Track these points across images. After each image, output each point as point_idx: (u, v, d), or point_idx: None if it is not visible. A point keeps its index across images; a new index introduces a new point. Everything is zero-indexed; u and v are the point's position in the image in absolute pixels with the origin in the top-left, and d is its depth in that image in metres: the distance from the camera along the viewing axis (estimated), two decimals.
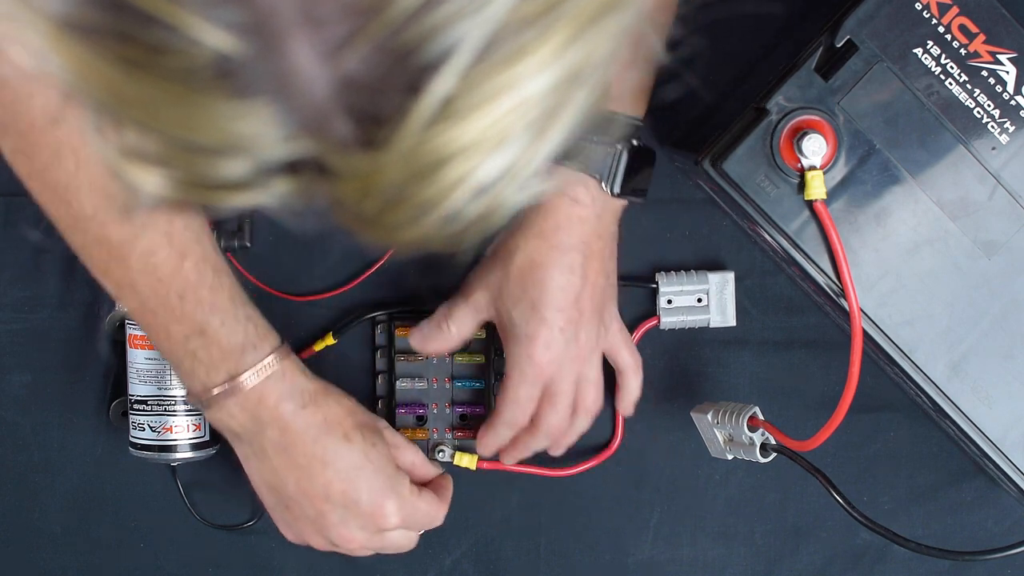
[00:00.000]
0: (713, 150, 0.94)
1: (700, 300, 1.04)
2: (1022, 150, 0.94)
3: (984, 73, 0.93)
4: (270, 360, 0.90)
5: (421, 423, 1.03)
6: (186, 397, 0.95)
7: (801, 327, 1.04)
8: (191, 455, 1.00)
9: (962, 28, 0.93)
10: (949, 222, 0.94)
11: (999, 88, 0.93)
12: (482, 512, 1.06)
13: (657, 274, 1.04)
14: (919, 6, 0.92)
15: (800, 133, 0.92)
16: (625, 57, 0.47)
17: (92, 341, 1.03)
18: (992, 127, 0.94)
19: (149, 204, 0.48)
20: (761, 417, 0.96)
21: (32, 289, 1.04)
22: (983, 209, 0.94)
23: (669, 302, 1.04)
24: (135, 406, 1.00)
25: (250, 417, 0.90)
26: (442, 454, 1.03)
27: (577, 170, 0.91)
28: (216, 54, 0.43)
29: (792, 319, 1.05)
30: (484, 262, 0.97)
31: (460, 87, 0.44)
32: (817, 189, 0.92)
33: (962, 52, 0.93)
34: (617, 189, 0.92)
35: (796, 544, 1.06)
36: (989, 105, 0.93)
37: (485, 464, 1.03)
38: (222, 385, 0.89)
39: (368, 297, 1.04)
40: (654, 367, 1.04)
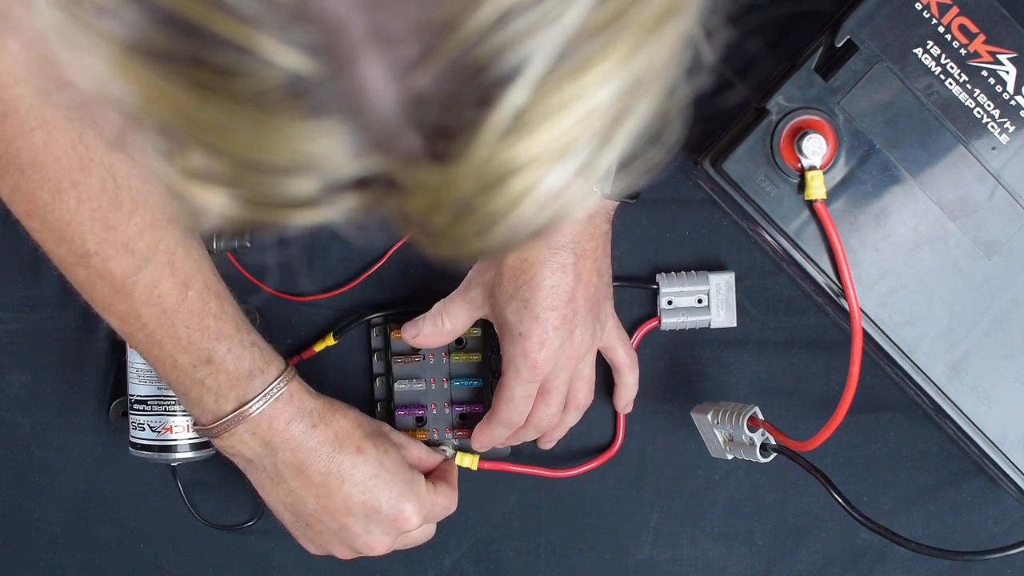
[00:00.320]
0: (713, 150, 0.94)
1: (701, 301, 1.04)
2: (1022, 150, 0.94)
3: (984, 73, 0.93)
4: (278, 384, 0.91)
5: (421, 424, 1.03)
6: (193, 427, 0.95)
7: (801, 327, 1.04)
8: (191, 455, 1.00)
9: (962, 28, 0.93)
10: (949, 222, 0.94)
11: (999, 88, 0.93)
12: (482, 512, 1.06)
13: (657, 275, 1.04)
14: (919, 6, 0.92)
15: (800, 133, 0.92)
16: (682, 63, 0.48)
17: (92, 341, 1.03)
18: (992, 127, 0.94)
19: (213, 224, 0.48)
20: (761, 417, 0.96)
21: (32, 289, 1.03)
22: (983, 209, 0.94)
23: (669, 303, 1.04)
24: (135, 406, 1.00)
25: (261, 442, 0.91)
26: (444, 454, 1.03)
27: None
28: (288, 75, 0.43)
29: (792, 319, 1.05)
30: (481, 259, 0.97)
31: (532, 99, 0.44)
32: (817, 189, 0.92)
33: (962, 52, 0.93)
34: (608, 190, 0.92)
35: (796, 544, 1.06)
36: (989, 105, 0.93)
37: (487, 464, 1.03)
38: (232, 412, 0.90)
39: (369, 298, 1.04)
40: (654, 367, 1.04)
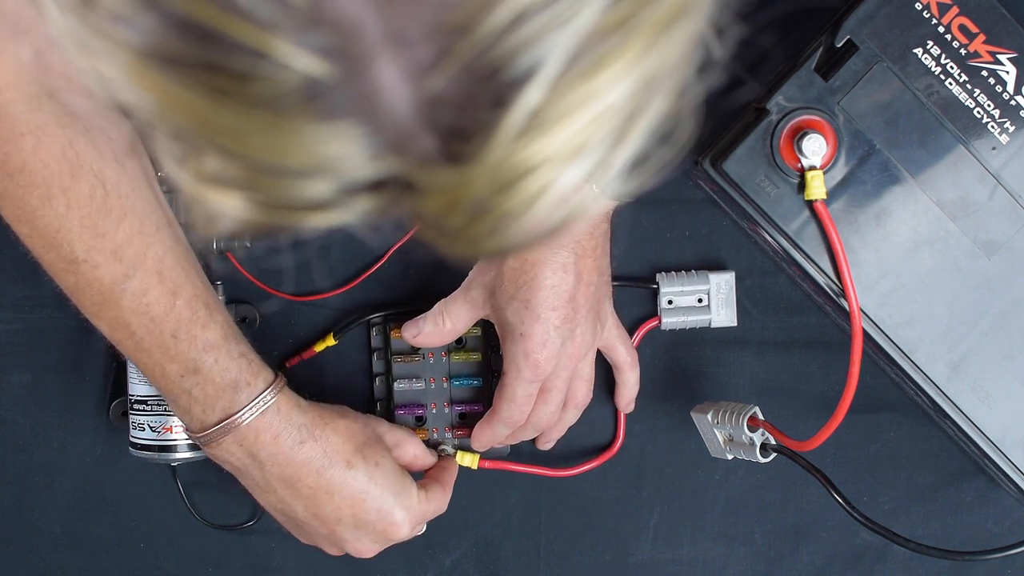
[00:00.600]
0: (713, 150, 0.94)
1: (701, 300, 1.04)
2: (1022, 150, 0.94)
3: (984, 73, 0.93)
4: (264, 396, 0.90)
5: (420, 423, 1.03)
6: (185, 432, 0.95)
7: (801, 327, 1.04)
8: (191, 455, 0.99)
9: (962, 28, 0.93)
10: (949, 222, 0.94)
11: (999, 88, 0.93)
12: (482, 512, 1.06)
13: (658, 274, 1.04)
14: (919, 6, 0.92)
15: (800, 133, 0.92)
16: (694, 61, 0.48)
17: (92, 341, 1.03)
18: (992, 127, 0.94)
19: (228, 228, 0.48)
20: (761, 417, 0.96)
21: (32, 289, 1.03)
22: (983, 209, 0.94)
23: (670, 302, 1.04)
24: (135, 406, 1.00)
25: (248, 454, 0.91)
26: (444, 453, 1.02)
27: None
28: (304, 78, 0.43)
29: (792, 319, 1.05)
30: (495, 259, 0.97)
31: (546, 100, 0.44)
32: (817, 189, 0.92)
33: (962, 52, 0.93)
34: (617, 188, 0.92)
35: (796, 544, 1.06)
36: (989, 105, 0.93)
37: (487, 463, 1.03)
38: (218, 424, 0.90)
39: (369, 298, 1.04)
40: (654, 367, 1.04)
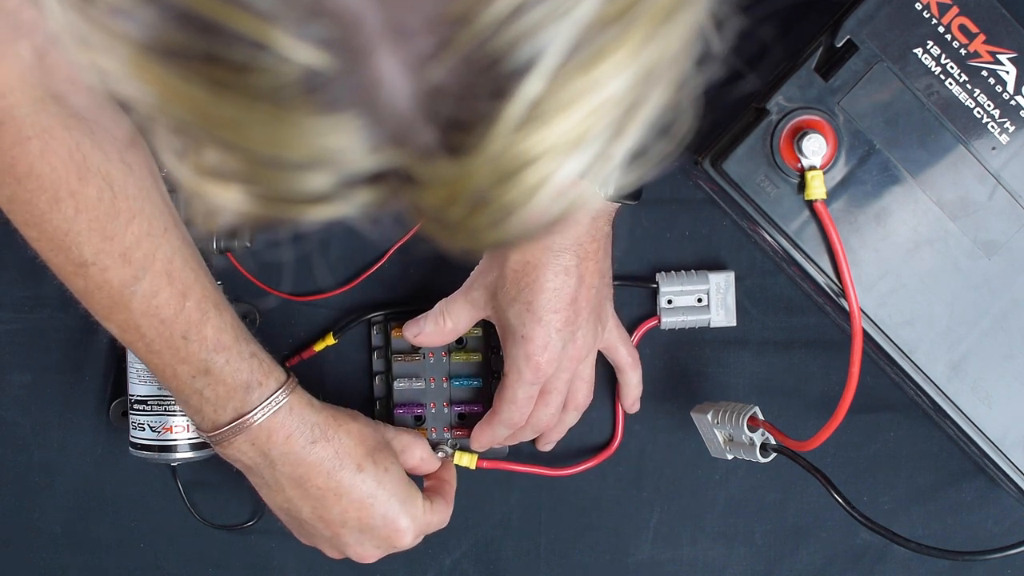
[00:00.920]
0: (713, 150, 0.94)
1: (700, 300, 1.04)
2: (1022, 150, 0.94)
3: (984, 73, 0.93)
4: (276, 396, 0.90)
5: (420, 423, 1.03)
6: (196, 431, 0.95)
7: (801, 327, 1.04)
8: (191, 455, 0.99)
9: (962, 28, 0.93)
10: (949, 222, 0.94)
11: (999, 88, 0.93)
12: (482, 512, 1.06)
13: (657, 274, 1.04)
14: (919, 6, 0.92)
15: (800, 133, 0.92)
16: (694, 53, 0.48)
17: (92, 341, 1.03)
18: (992, 127, 0.94)
19: (228, 221, 0.48)
20: (761, 417, 0.96)
21: (32, 289, 1.03)
22: (983, 209, 0.94)
23: (669, 302, 1.04)
24: (135, 406, 1.00)
25: (259, 453, 0.91)
26: (443, 454, 1.03)
27: None
28: (304, 70, 0.43)
29: (792, 319, 1.05)
30: (484, 260, 0.97)
31: (546, 90, 0.44)
32: (817, 189, 0.92)
33: (962, 52, 0.93)
34: (610, 192, 0.92)
35: (796, 544, 1.06)
36: (989, 105, 0.93)
37: (485, 463, 1.03)
38: (230, 423, 0.90)
39: (369, 297, 1.04)
40: (654, 367, 1.04)
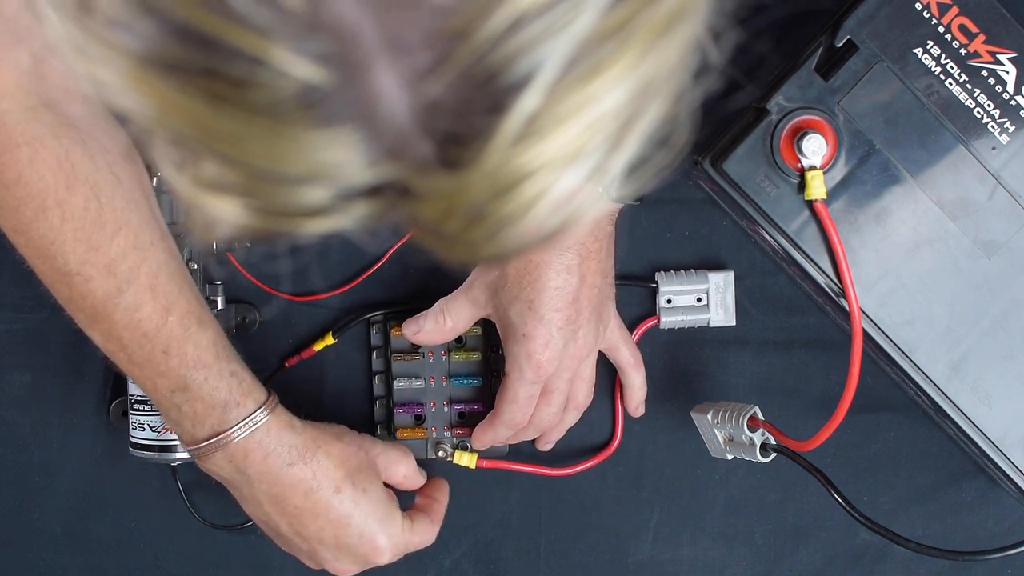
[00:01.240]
0: (713, 150, 0.94)
1: (700, 300, 1.04)
2: (1022, 150, 0.94)
3: (984, 73, 0.93)
4: (254, 416, 0.90)
5: (419, 422, 1.03)
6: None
7: (801, 327, 1.04)
8: (191, 455, 0.99)
9: (962, 28, 0.93)
10: (949, 222, 0.94)
11: (999, 88, 0.93)
12: (482, 512, 1.06)
13: (657, 273, 1.04)
14: (919, 6, 0.92)
15: (800, 133, 0.92)
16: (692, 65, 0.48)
17: (92, 342, 1.03)
18: (992, 127, 0.94)
19: (226, 233, 0.48)
20: (761, 417, 0.96)
21: (32, 289, 1.03)
22: (983, 209, 0.94)
23: (669, 301, 1.04)
24: (135, 406, 1.00)
25: (237, 470, 0.91)
26: (443, 453, 1.03)
27: None
28: (302, 85, 0.43)
29: (792, 319, 1.05)
30: (494, 263, 0.97)
31: (543, 105, 0.44)
32: (817, 189, 0.92)
33: (962, 52, 0.93)
34: (613, 192, 0.92)
35: (796, 544, 1.06)
36: (989, 105, 0.93)
37: (485, 463, 1.03)
38: (207, 440, 0.90)
39: (369, 297, 1.04)
40: (654, 367, 1.04)
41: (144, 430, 1.00)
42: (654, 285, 1.04)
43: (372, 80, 0.43)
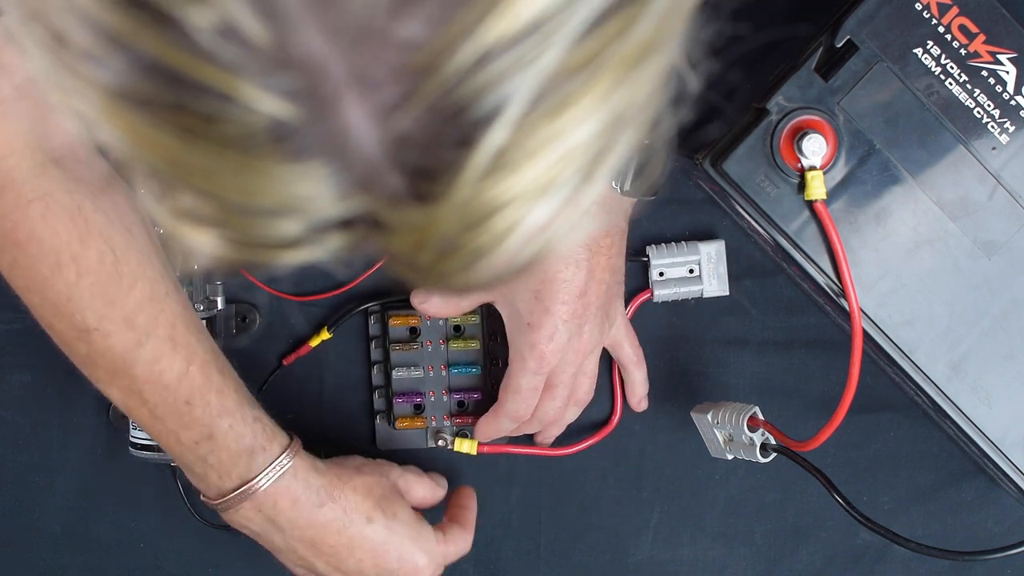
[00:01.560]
0: (713, 150, 0.94)
1: (692, 271, 1.04)
2: (1022, 150, 0.94)
3: (984, 73, 0.93)
4: (281, 460, 0.90)
5: (419, 411, 1.03)
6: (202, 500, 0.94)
7: (801, 327, 1.04)
8: None
9: (962, 28, 0.93)
10: (949, 222, 0.94)
11: (999, 88, 0.93)
12: (482, 512, 1.06)
13: (648, 247, 1.04)
14: (919, 6, 0.92)
15: (800, 133, 0.92)
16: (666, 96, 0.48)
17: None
18: (992, 127, 0.94)
19: (204, 264, 0.49)
20: (761, 417, 0.96)
21: None
22: (983, 209, 0.94)
23: (661, 274, 1.04)
24: None
25: (266, 519, 0.91)
26: (443, 442, 1.03)
27: None
28: (271, 120, 0.43)
29: (792, 319, 1.05)
30: (470, 293, 0.97)
31: (512, 139, 0.44)
32: (817, 189, 0.92)
33: (962, 52, 0.93)
34: (627, 187, 0.92)
35: (796, 544, 1.06)
36: (989, 105, 0.93)
37: (485, 448, 1.02)
38: (236, 490, 0.89)
39: (366, 287, 1.04)
40: (654, 367, 1.04)
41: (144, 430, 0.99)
42: (646, 259, 1.04)
43: (340, 115, 0.43)
